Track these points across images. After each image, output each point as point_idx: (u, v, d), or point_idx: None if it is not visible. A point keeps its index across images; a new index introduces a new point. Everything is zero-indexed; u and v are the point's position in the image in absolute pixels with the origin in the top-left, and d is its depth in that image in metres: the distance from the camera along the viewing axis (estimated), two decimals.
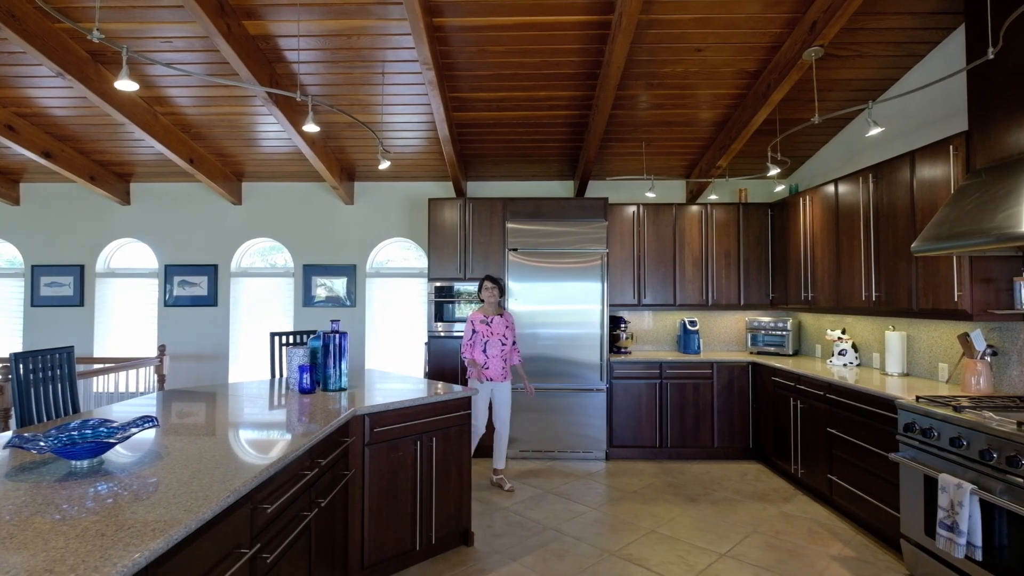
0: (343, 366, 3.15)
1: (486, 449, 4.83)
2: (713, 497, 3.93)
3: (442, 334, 4.85)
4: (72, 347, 2.77)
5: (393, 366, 5.55)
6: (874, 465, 3.16)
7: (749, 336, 5.14)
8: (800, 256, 4.57)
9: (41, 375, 2.60)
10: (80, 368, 4.61)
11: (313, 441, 2.09)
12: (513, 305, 4.80)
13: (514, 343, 4.12)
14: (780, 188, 4.71)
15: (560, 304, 4.78)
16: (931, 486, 2.64)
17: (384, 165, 3.77)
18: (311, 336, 3.87)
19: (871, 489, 3.19)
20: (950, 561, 2.52)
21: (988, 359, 2.99)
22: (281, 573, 1.84)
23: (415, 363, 5.56)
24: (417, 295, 5.60)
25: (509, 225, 4.81)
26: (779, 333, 4.96)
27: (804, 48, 3.22)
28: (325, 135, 4.63)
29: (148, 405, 2.61)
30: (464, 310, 4.84)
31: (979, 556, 2.31)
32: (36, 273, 5.49)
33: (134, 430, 1.76)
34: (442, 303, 4.84)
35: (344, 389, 3.11)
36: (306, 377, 2.99)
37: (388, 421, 2.72)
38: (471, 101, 4.14)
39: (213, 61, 3.61)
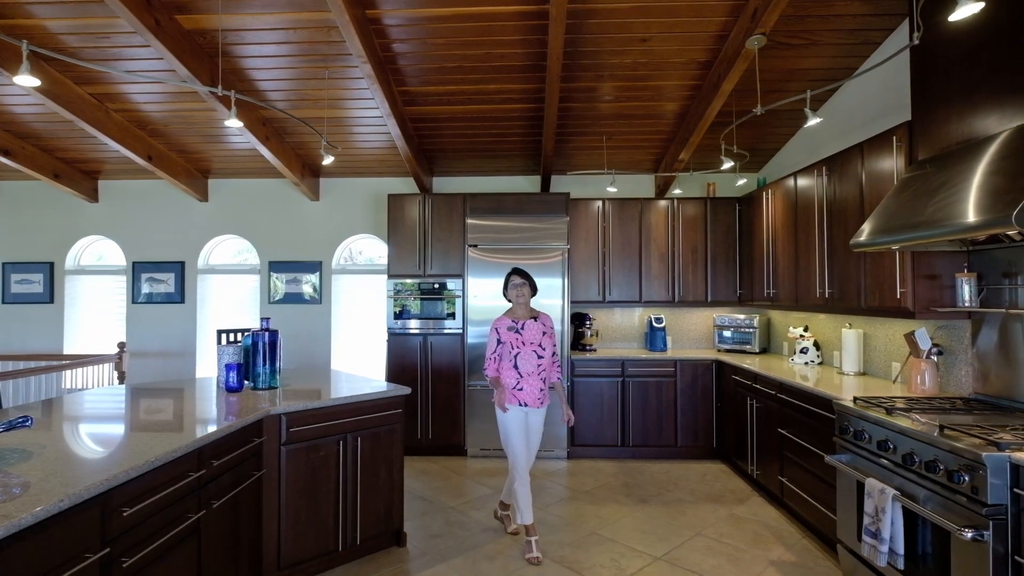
0: (276, 364, 3.11)
1: (451, 448, 4.78)
2: (665, 498, 3.85)
3: (406, 331, 4.80)
4: None
5: (360, 363, 5.52)
6: (817, 467, 3.07)
7: (717, 333, 5.04)
8: (763, 252, 4.46)
9: None
10: (40, 364, 4.63)
11: (204, 442, 2.05)
12: (473, 302, 4.74)
13: (554, 354, 3.21)
14: (742, 182, 4.60)
15: None
16: (863, 490, 2.54)
17: (328, 160, 3.72)
18: (244, 334, 3.84)
19: (815, 492, 3.10)
20: (881, 570, 2.43)
21: (935, 358, 2.88)
22: (155, 574, 1.80)
23: (382, 361, 5.52)
24: (384, 292, 5.55)
25: (469, 221, 4.75)
26: (746, 330, 4.85)
27: (748, 37, 3.12)
28: (281, 131, 4.59)
29: (88, 400, 2.60)
30: (424, 307, 4.78)
31: (901, 564, 2.22)
32: (7, 270, 5.53)
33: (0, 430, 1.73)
34: (402, 300, 4.79)
35: (274, 387, 3.07)
36: (232, 375, 2.95)
37: (306, 421, 2.68)
38: (422, 95, 4.07)
39: (154, 56, 3.58)
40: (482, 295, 4.73)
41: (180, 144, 4.84)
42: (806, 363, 4.11)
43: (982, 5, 1.76)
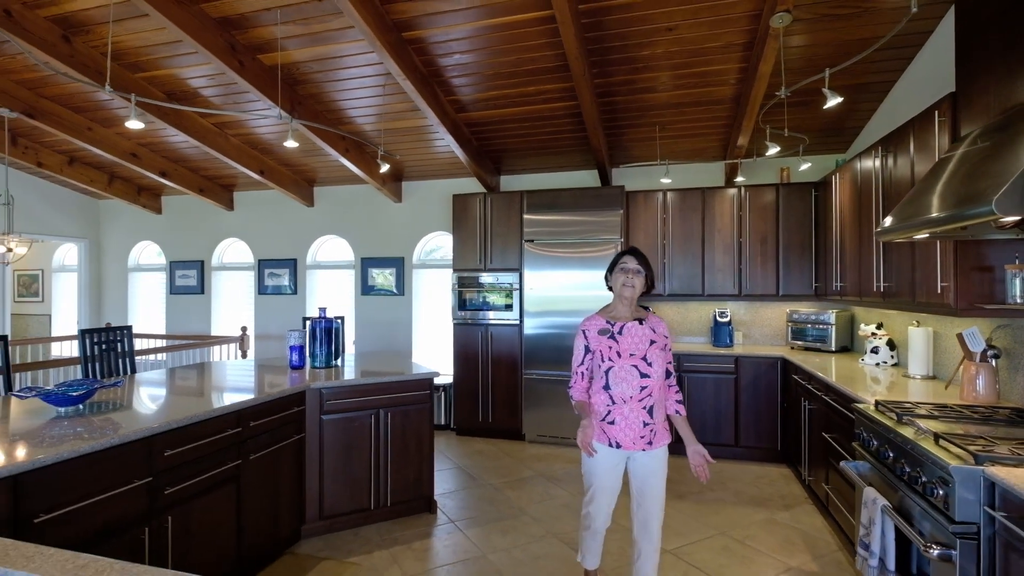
0: (331, 347, 3.64)
1: (510, 432, 5.06)
2: (705, 496, 3.76)
3: (467, 321, 5.17)
4: (130, 326, 3.62)
5: (436, 350, 6.01)
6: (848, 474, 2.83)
7: (789, 329, 4.70)
8: (831, 240, 4.08)
9: (105, 347, 3.46)
10: (181, 342, 5.80)
11: (242, 406, 2.57)
12: (529, 293, 4.95)
13: (670, 374, 2.27)
14: (805, 167, 4.23)
15: (574, 291, 4.83)
16: None
17: (384, 168, 4.19)
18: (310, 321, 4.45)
19: (849, 500, 2.87)
20: None
21: (992, 362, 2.52)
22: (198, 504, 2.33)
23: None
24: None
25: (526, 216, 4.97)
26: (821, 327, 4.47)
27: (772, 15, 2.94)
28: (360, 143, 5.18)
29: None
30: (485, 299, 5.10)
31: None
32: (173, 268, 6.92)
33: (97, 387, 2.37)
34: (464, 292, 5.17)
35: (331, 367, 3.60)
36: (295, 355, 3.53)
37: (341, 396, 3.14)
38: (472, 102, 4.37)
39: (242, 91, 4.30)
40: (538, 287, 4.94)
41: (285, 159, 5.68)
42: (877, 364, 3.71)
43: None
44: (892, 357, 3.69)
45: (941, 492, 1.75)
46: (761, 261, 4.73)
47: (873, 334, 3.80)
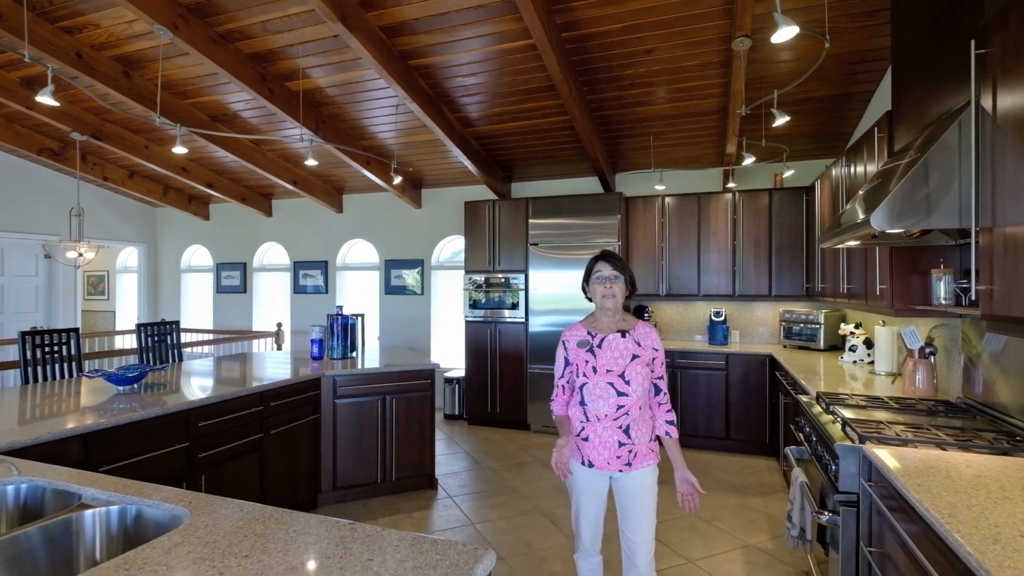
0: (347, 341, 4.11)
1: (516, 422, 5.44)
2: None
3: (477, 319, 5.58)
4: (178, 321, 4.19)
5: (452, 345, 6.45)
6: None
7: (782, 328, 4.88)
8: (814, 242, 4.27)
9: (157, 339, 4.04)
10: (224, 336, 6.45)
11: (263, 388, 3.05)
12: (534, 293, 5.31)
13: (660, 391, 2.07)
14: (789, 173, 4.42)
15: (576, 291, 5.14)
16: None
17: (397, 180, 4.62)
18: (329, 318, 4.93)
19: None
20: (813, 558, 2.51)
21: (931, 358, 2.73)
22: (227, 468, 2.82)
23: None
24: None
25: (531, 221, 5.33)
26: (811, 326, 4.64)
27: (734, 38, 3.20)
28: (383, 155, 5.66)
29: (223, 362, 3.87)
30: (493, 299, 5.49)
31: (809, 549, 2.32)
32: (220, 269, 7.62)
33: (148, 371, 2.89)
34: (475, 292, 5.57)
35: (346, 358, 4.07)
36: (315, 348, 4.01)
37: (351, 383, 3.59)
38: (478, 118, 4.76)
39: (273, 112, 4.83)
40: (542, 287, 5.29)
41: (315, 171, 6.24)
42: (854, 362, 3.89)
43: (797, 30, 1.85)
44: (869, 355, 3.87)
45: (833, 467, 2.03)
46: (755, 263, 4.93)
47: (852, 333, 3.98)
